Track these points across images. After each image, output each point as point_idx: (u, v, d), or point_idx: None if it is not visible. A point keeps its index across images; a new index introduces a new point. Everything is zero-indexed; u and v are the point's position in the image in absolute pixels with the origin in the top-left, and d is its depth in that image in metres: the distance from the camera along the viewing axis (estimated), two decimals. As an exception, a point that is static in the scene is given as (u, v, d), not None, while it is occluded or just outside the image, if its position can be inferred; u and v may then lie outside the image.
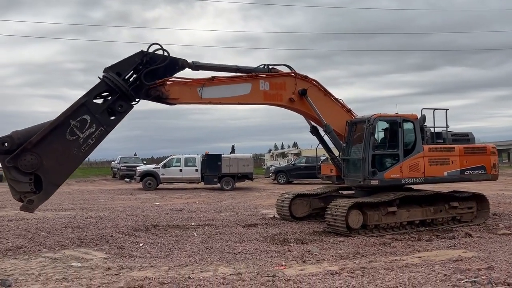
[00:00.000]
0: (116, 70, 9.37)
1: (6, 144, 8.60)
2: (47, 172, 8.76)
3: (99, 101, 9.53)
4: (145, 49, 9.58)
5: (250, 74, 10.73)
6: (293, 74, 11.20)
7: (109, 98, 9.49)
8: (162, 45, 9.70)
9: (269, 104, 11.22)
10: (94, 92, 9.27)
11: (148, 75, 9.63)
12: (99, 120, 9.12)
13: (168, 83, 9.89)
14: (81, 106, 8.97)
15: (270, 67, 11.05)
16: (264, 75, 10.86)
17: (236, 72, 10.82)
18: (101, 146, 9.47)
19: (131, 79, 9.68)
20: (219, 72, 10.73)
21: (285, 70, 11.33)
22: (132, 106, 9.68)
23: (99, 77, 9.45)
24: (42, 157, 8.65)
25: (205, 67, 10.60)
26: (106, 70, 9.35)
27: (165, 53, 9.74)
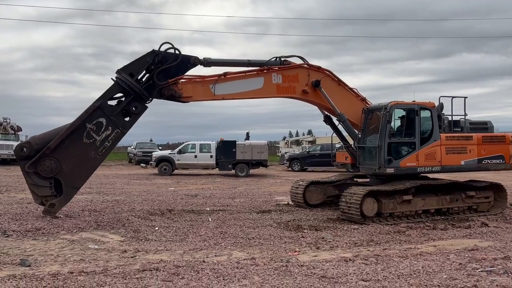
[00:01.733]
0: (128, 71, 9.43)
1: (25, 150, 8.85)
2: (67, 176, 9.01)
3: (113, 102, 9.63)
4: (156, 49, 9.61)
5: (262, 67, 10.65)
6: (305, 66, 11.07)
7: (123, 99, 9.58)
8: (173, 44, 9.74)
9: (282, 97, 11.15)
10: (108, 95, 9.40)
11: (161, 74, 9.67)
12: (115, 122, 9.27)
13: (180, 81, 9.90)
14: (97, 109, 9.11)
15: (282, 59, 10.92)
16: (277, 68, 10.75)
17: (248, 66, 10.74)
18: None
19: (143, 79, 9.72)
20: (231, 67, 10.70)
21: (298, 61, 11.20)
22: (146, 107, 9.77)
23: (112, 79, 9.55)
24: (61, 162, 8.89)
25: (216, 63, 10.58)
26: (118, 71, 9.43)
27: (177, 52, 9.75)
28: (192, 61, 10.12)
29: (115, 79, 9.50)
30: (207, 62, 10.40)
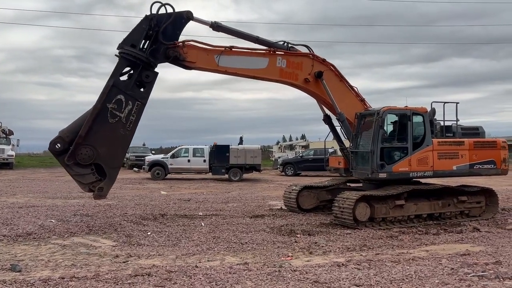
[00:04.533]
0: (129, 42, 9.44)
1: (59, 145, 8.93)
2: (105, 159, 9.13)
3: (125, 78, 9.63)
4: (148, 14, 9.52)
5: (268, 49, 10.77)
6: (311, 56, 11.18)
7: (132, 72, 9.56)
8: (162, 2, 9.59)
9: (283, 82, 11.16)
10: (118, 71, 9.42)
11: (161, 36, 9.61)
12: (132, 95, 9.33)
13: (186, 45, 9.95)
14: (112, 88, 9.13)
15: (290, 45, 11.06)
16: (282, 52, 10.87)
17: (255, 43, 10.87)
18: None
19: (145, 47, 9.68)
20: (239, 40, 10.81)
21: (304, 50, 11.31)
22: (157, 73, 9.75)
23: (116, 55, 9.52)
24: (96, 147, 9.01)
25: (226, 30, 10.67)
26: (120, 46, 9.42)
27: (169, 10, 9.63)
28: (185, 16, 9.98)
29: (119, 55, 9.45)
30: (216, 26, 10.48)
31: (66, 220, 10.34)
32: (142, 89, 9.62)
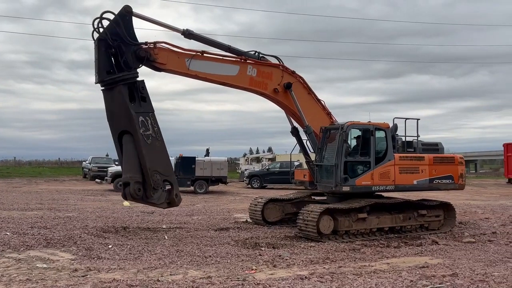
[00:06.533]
0: (104, 71, 9.48)
1: (140, 189, 9.47)
2: (165, 173, 9.83)
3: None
4: (96, 35, 9.44)
5: (239, 57, 10.87)
6: (281, 67, 11.37)
7: (133, 92, 9.72)
8: (101, 15, 9.45)
9: (253, 91, 11.27)
10: (128, 99, 9.59)
11: (127, 40, 9.50)
12: (145, 111, 9.74)
13: (158, 46, 9.93)
14: (136, 117, 9.54)
15: (261, 55, 11.23)
16: (253, 62, 11.00)
17: (227, 52, 10.93)
18: (72, 145, 9.44)
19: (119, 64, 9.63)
20: (210, 48, 10.86)
21: (275, 61, 11.49)
22: (143, 80, 9.85)
23: (102, 90, 9.65)
24: (156, 169, 9.67)
25: (197, 37, 10.70)
26: (100, 79, 9.50)
27: (110, 17, 9.51)
28: (124, 11, 9.61)
29: (107, 87, 9.56)
30: (188, 34, 10.49)
31: (23, 233, 9.93)
32: (145, 102, 9.83)
